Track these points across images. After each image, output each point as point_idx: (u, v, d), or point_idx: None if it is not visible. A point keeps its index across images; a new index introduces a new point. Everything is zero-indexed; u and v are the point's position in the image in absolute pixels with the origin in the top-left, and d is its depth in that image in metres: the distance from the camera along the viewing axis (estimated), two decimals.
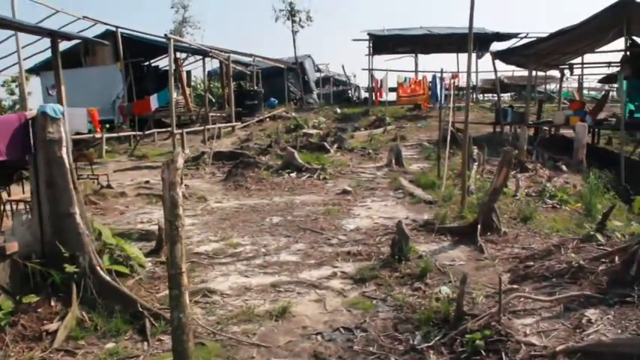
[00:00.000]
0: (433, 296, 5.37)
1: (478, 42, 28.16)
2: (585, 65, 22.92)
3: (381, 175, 13.71)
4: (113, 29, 24.90)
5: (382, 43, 33.48)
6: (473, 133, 15.85)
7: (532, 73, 21.25)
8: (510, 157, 7.63)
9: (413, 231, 8.11)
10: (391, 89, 31.59)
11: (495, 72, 22.43)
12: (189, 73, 33.33)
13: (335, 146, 17.90)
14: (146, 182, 13.75)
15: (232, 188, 12.48)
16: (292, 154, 14.46)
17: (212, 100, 34.12)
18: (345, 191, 11.48)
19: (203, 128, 22.12)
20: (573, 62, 22.88)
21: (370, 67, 32.62)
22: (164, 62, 30.94)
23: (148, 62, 32.45)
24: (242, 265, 6.77)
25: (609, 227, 6.79)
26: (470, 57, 9.13)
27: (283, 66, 35.56)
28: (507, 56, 21.44)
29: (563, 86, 29.57)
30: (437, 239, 7.71)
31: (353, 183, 12.51)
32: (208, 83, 33.00)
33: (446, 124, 14.42)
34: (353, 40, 33.49)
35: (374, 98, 32.02)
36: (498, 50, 22.52)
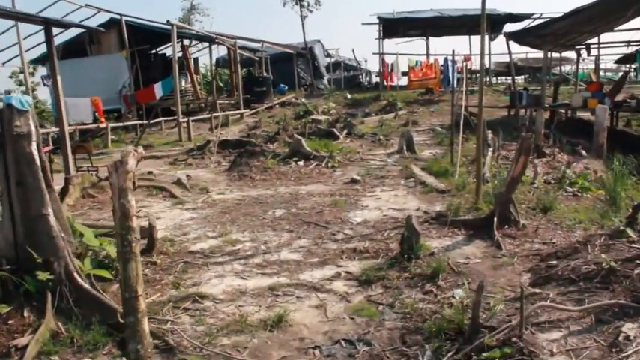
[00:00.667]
0: (446, 301, 4.84)
1: (491, 23, 27.32)
2: (602, 45, 22.12)
3: (392, 163, 13.16)
4: (117, 17, 24.41)
5: (392, 27, 32.80)
6: (487, 117, 15.18)
7: (547, 55, 20.49)
8: (529, 145, 7.02)
9: (424, 224, 7.57)
10: (403, 73, 30.95)
11: (510, 53, 21.72)
12: (196, 61, 32.82)
13: (344, 132, 17.34)
14: (149, 173, 13.33)
15: (236, 178, 12.00)
16: (299, 142, 13.93)
17: (222, 87, 33.67)
18: (354, 180, 10.95)
19: (210, 116, 21.64)
20: (590, 42, 22.08)
21: (381, 51, 31.95)
22: (171, 50, 30.48)
23: (155, 50, 31.98)
24: (239, 265, 6.26)
25: None
26: (483, 39, 8.51)
27: (292, 51, 34.96)
28: (522, 37, 20.68)
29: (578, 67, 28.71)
30: (450, 233, 7.16)
31: (362, 171, 11.98)
32: (216, 70, 32.48)
33: (459, 108, 13.80)
34: (362, 24, 32.89)
35: (385, 83, 31.35)
36: (512, 31, 21.81)
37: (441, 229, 7.28)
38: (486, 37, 14.84)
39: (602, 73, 34.01)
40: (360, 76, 41.92)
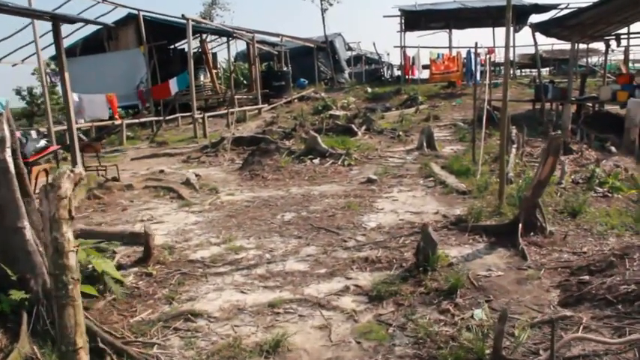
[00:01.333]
0: (464, 324, 4.31)
1: (516, 14, 26.40)
2: (632, 35, 21.19)
3: (411, 160, 12.60)
4: (135, 13, 24.09)
5: (414, 19, 32.09)
6: (510, 112, 14.52)
7: (574, 46, 19.64)
8: (558, 144, 6.40)
9: (443, 230, 7.05)
10: (424, 67, 30.22)
11: (536, 45, 20.81)
12: (215, 55, 32.43)
13: (363, 128, 16.77)
14: (160, 172, 12.99)
15: (248, 178, 11.55)
16: (315, 139, 13.42)
17: (242, 82, 33.26)
18: (370, 180, 10.43)
19: (227, 111, 21.22)
20: (620, 32, 21.15)
21: (402, 44, 31.25)
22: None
23: (174, 45, 31.66)
24: (240, 277, 5.79)
25: None
26: (508, 30, 7.89)
27: (313, 45, 34.40)
28: (548, 28, 19.82)
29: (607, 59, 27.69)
30: (470, 240, 6.61)
31: (379, 170, 11.44)
32: (234, 65, 32.06)
33: (481, 103, 13.16)
34: (384, 17, 32.19)
35: (406, 76, 30.64)
36: (539, 22, 20.90)
37: (461, 236, 6.74)
38: (511, 29, 14.07)
39: (631, 65, 32.83)
40: (382, 70, 41.14)
